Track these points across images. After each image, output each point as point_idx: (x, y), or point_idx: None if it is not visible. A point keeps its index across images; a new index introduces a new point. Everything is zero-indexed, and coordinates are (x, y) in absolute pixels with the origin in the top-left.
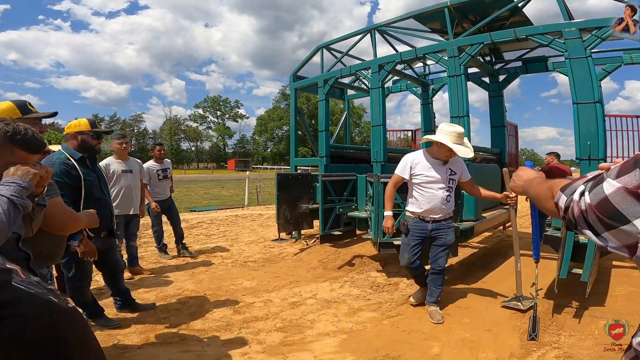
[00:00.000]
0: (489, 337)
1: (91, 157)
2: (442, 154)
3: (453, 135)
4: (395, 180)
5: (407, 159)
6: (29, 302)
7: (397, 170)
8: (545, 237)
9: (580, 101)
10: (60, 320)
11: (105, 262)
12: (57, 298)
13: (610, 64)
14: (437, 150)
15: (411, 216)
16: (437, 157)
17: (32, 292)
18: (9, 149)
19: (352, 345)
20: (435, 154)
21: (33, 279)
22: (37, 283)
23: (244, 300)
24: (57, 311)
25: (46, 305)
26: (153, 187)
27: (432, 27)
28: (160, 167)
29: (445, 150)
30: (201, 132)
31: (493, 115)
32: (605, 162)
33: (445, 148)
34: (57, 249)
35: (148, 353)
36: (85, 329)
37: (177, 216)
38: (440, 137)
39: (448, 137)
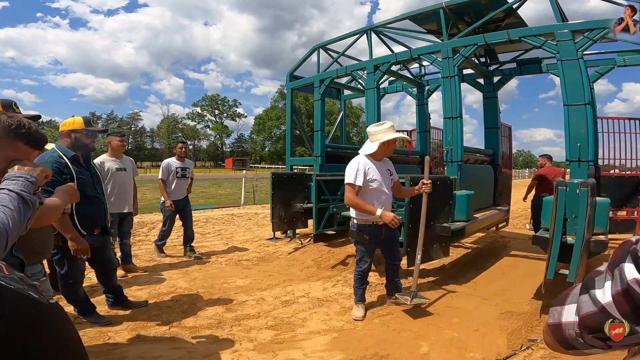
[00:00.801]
0: (477, 337)
1: (85, 156)
2: (390, 150)
3: (391, 129)
4: (354, 191)
5: (357, 165)
6: (8, 297)
7: (349, 180)
8: (534, 238)
9: (570, 103)
10: (37, 315)
11: (98, 259)
12: (37, 294)
13: (603, 66)
14: (385, 149)
15: (366, 224)
16: (384, 156)
17: (12, 287)
18: (11, 143)
19: (342, 344)
20: (381, 155)
21: (16, 275)
22: (19, 279)
23: (236, 299)
24: (35, 306)
25: (25, 300)
26: (170, 185)
27: (428, 28)
28: (181, 165)
29: (392, 145)
30: (199, 130)
31: (487, 116)
32: (594, 164)
33: (391, 142)
34: (47, 243)
35: (138, 350)
36: (64, 324)
37: (190, 218)
38: (384, 137)
39: (388, 132)
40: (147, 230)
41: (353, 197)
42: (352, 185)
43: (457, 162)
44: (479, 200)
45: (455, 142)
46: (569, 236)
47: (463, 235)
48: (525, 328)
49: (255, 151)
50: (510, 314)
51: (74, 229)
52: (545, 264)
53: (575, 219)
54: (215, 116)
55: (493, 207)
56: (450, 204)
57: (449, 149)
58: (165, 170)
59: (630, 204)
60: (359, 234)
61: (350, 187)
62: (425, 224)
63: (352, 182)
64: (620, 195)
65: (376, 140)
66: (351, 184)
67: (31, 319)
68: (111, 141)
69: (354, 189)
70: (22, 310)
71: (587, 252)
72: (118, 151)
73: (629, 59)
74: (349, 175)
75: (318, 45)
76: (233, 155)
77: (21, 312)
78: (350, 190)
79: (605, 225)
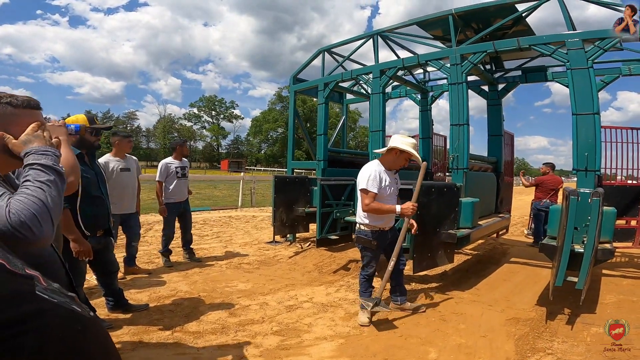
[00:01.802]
0: (484, 343)
1: (90, 154)
2: (399, 163)
3: (412, 145)
4: (373, 197)
5: (373, 171)
6: (53, 313)
7: (368, 186)
8: (541, 246)
9: (580, 112)
10: (83, 331)
11: (99, 261)
12: (79, 307)
13: (609, 75)
14: (395, 159)
15: (375, 230)
16: (391, 167)
17: (56, 301)
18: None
19: (349, 350)
20: (390, 163)
21: (54, 285)
22: (58, 291)
23: (239, 303)
24: (80, 321)
25: (70, 315)
26: (168, 187)
27: (434, 34)
28: (180, 164)
29: (403, 159)
30: (195, 131)
31: (491, 123)
32: (600, 173)
33: (404, 156)
34: (57, 242)
35: (142, 355)
36: (106, 339)
37: (190, 221)
38: (403, 146)
39: (407, 145)
40: (144, 231)
41: (370, 202)
42: (367, 192)
43: (463, 170)
44: (483, 207)
45: (462, 149)
46: (576, 244)
47: (468, 242)
48: (533, 334)
49: (252, 153)
50: (516, 320)
51: (77, 230)
52: (551, 271)
53: (584, 228)
54: (212, 117)
55: (495, 214)
56: (456, 211)
57: (455, 156)
58: (164, 172)
59: (630, 214)
60: (367, 240)
61: (366, 193)
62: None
63: (368, 188)
64: (620, 204)
65: (391, 145)
66: (367, 190)
67: (78, 335)
68: (120, 142)
69: (370, 195)
70: (69, 326)
71: (594, 260)
72: (123, 151)
73: (634, 68)
74: (364, 182)
75: (323, 48)
76: (229, 157)
77: (68, 329)
78: (367, 197)
79: (611, 233)
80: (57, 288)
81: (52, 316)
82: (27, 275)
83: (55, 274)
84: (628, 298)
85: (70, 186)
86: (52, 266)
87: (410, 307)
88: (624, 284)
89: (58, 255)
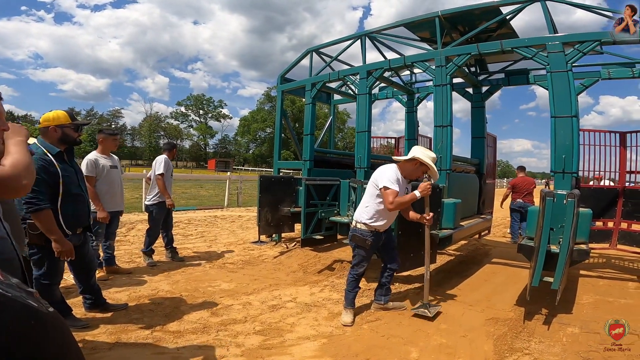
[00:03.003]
0: (464, 343)
1: (68, 151)
2: (416, 174)
3: (432, 160)
4: (396, 193)
5: (395, 173)
6: (6, 307)
7: (391, 185)
8: (519, 246)
9: (558, 115)
10: (38, 326)
11: (78, 257)
12: (36, 302)
13: (588, 79)
14: (414, 169)
15: (372, 230)
16: (407, 176)
17: (10, 295)
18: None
19: (331, 350)
20: (408, 172)
21: (12, 280)
22: (15, 285)
23: (222, 303)
24: (35, 316)
25: (24, 310)
26: (166, 185)
27: (421, 35)
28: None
29: (421, 171)
30: (182, 130)
31: (474, 125)
32: (577, 175)
33: (422, 169)
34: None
35: (119, 354)
36: (65, 335)
37: (172, 220)
38: (425, 159)
39: (427, 158)
40: (126, 230)
41: (394, 199)
42: (390, 189)
43: (445, 171)
44: (465, 208)
45: (445, 150)
46: (553, 245)
47: (450, 242)
48: (511, 334)
49: (239, 153)
50: (495, 320)
51: (59, 230)
52: (528, 272)
53: (560, 229)
54: (200, 116)
55: (477, 215)
56: (438, 211)
57: (438, 157)
58: (164, 166)
59: (607, 215)
60: (362, 238)
61: (391, 191)
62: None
63: (392, 187)
64: (598, 206)
65: (413, 155)
66: (390, 187)
67: (32, 329)
68: (105, 139)
69: (393, 192)
70: (22, 320)
71: (570, 261)
72: (108, 149)
73: (614, 72)
74: (387, 180)
75: (311, 48)
76: (216, 157)
77: (21, 323)
78: (391, 193)
79: (587, 234)
80: (16, 283)
81: (4, 310)
82: None
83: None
84: (604, 299)
85: (23, 189)
86: (11, 263)
87: (392, 307)
88: (601, 284)
89: (17, 253)
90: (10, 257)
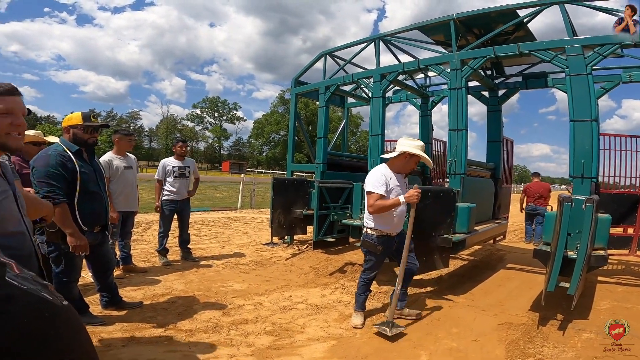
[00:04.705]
0: (475, 347)
1: (88, 150)
2: (409, 167)
3: (420, 148)
4: (376, 197)
5: (378, 174)
6: (21, 299)
7: (373, 188)
8: (535, 252)
9: (577, 119)
10: (52, 318)
11: (96, 256)
12: (51, 295)
13: (609, 82)
14: (405, 163)
15: (381, 235)
16: (400, 171)
17: (25, 288)
18: None
19: (340, 352)
20: (400, 167)
21: (27, 273)
22: (31, 278)
23: (233, 303)
24: (50, 309)
25: (39, 303)
26: (167, 185)
27: (435, 39)
28: (180, 164)
29: (413, 163)
30: (197, 132)
31: (490, 129)
32: (596, 180)
33: (414, 160)
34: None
35: (133, 351)
36: (79, 328)
37: (188, 220)
38: (414, 150)
39: (415, 148)
40: (142, 230)
41: (374, 202)
42: (371, 193)
43: (460, 175)
44: (480, 213)
45: (460, 154)
46: (570, 250)
47: (463, 247)
48: (524, 339)
49: (253, 155)
50: (508, 325)
51: (74, 225)
52: (544, 277)
53: (578, 234)
54: (215, 118)
55: (492, 220)
56: (452, 215)
57: (453, 161)
58: (162, 171)
59: (627, 221)
60: (372, 244)
61: (372, 195)
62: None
63: (374, 190)
64: (617, 212)
65: (401, 149)
66: (373, 192)
67: (46, 322)
68: (120, 140)
69: (373, 195)
70: (36, 313)
71: (588, 266)
72: (124, 149)
73: (635, 75)
74: (371, 184)
75: (325, 51)
76: (230, 159)
77: (36, 315)
78: (371, 197)
79: (606, 240)
80: (31, 276)
81: (19, 302)
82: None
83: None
84: (622, 305)
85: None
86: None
87: (407, 314)
88: (619, 290)
89: (35, 249)
90: (29, 253)
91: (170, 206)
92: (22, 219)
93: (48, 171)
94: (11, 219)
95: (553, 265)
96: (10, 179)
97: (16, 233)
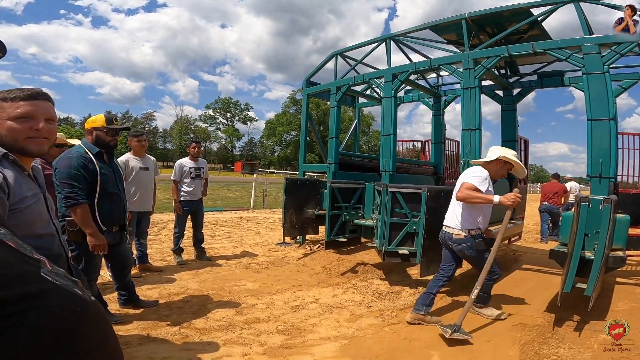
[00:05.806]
0: (488, 348)
1: (108, 152)
2: (500, 173)
3: (515, 157)
4: (473, 187)
5: (484, 173)
6: (55, 294)
7: (476, 182)
8: (551, 252)
9: (594, 117)
10: (82, 312)
11: (114, 255)
12: (81, 290)
13: (627, 80)
14: (498, 169)
15: (479, 233)
16: (492, 176)
17: (58, 283)
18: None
19: (352, 351)
20: (493, 172)
21: (59, 270)
22: (63, 274)
23: (246, 302)
24: (80, 303)
25: (70, 296)
26: (183, 186)
27: (447, 38)
28: (194, 165)
29: (505, 170)
30: (210, 132)
31: (505, 129)
32: (615, 180)
33: (506, 167)
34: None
35: (148, 349)
36: (105, 322)
37: (202, 220)
38: (510, 157)
39: (515, 157)
40: (158, 229)
41: (467, 189)
42: (474, 186)
43: None
44: (494, 213)
45: (473, 154)
46: (587, 251)
47: None
48: (539, 340)
49: (265, 156)
50: (522, 326)
51: (94, 225)
52: (560, 278)
53: (595, 235)
54: (227, 119)
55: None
56: None
57: (467, 161)
58: (178, 171)
59: None
60: (480, 242)
61: (468, 184)
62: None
63: (475, 183)
64: (637, 212)
65: (496, 154)
66: (474, 185)
67: (77, 315)
68: (130, 142)
69: (472, 186)
70: (70, 307)
71: (605, 267)
72: (139, 151)
73: None
74: (474, 177)
75: (336, 52)
76: (242, 159)
77: (69, 309)
78: (469, 186)
79: (624, 241)
80: (62, 272)
81: (53, 296)
82: (34, 258)
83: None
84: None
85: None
86: (59, 259)
87: (430, 321)
88: (638, 291)
89: (64, 250)
90: (59, 253)
91: (186, 207)
92: (51, 221)
93: (70, 172)
94: (41, 221)
95: (570, 266)
96: (42, 182)
97: (45, 234)
